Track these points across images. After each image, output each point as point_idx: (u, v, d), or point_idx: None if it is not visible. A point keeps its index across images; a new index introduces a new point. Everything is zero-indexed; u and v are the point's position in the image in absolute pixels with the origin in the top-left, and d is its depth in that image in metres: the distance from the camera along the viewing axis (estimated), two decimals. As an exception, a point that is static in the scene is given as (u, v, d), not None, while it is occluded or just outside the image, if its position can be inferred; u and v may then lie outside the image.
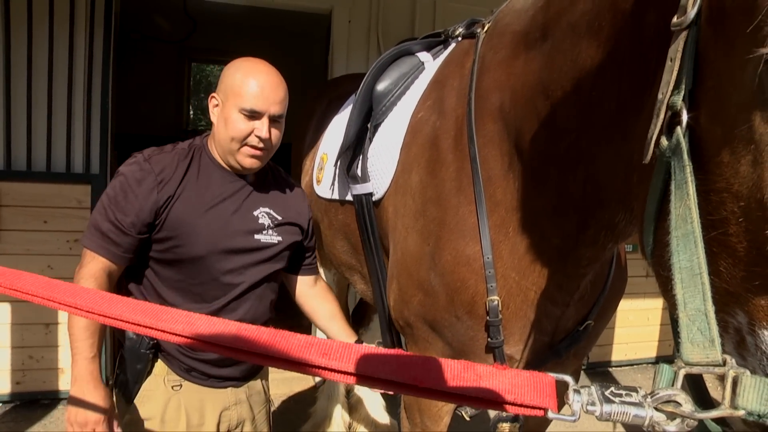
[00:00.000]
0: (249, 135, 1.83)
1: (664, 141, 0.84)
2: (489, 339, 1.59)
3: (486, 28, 1.77)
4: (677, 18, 0.82)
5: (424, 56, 2.15)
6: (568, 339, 1.71)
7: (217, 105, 1.91)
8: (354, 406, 3.79)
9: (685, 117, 0.81)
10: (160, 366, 1.93)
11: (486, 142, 1.59)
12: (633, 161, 1.08)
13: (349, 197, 2.18)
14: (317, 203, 2.61)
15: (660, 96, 0.85)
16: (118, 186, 1.83)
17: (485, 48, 1.70)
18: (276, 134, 1.90)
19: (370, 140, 2.06)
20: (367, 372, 0.92)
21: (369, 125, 2.07)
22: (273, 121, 1.86)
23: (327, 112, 2.92)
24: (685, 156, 0.79)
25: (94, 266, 1.80)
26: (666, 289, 0.87)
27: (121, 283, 1.93)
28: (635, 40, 1.06)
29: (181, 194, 1.85)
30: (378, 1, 4.49)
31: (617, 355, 5.51)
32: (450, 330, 1.67)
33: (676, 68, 0.82)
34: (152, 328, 1.04)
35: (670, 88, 0.82)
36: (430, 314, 1.71)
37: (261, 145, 1.85)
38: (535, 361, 1.69)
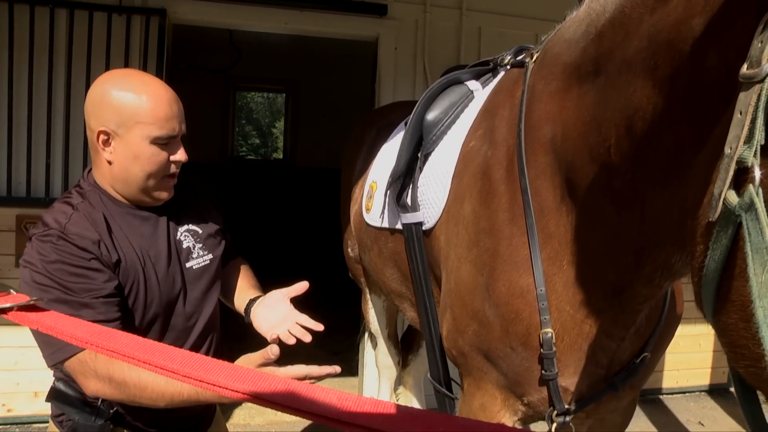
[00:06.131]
0: (168, 165, 1.62)
1: (732, 197, 0.78)
2: (543, 371, 1.58)
3: (535, 58, 1.75)
4: (747, 69, 0.77)
5: (473, 85, 2.16)
6: (624, 372, 1.69)
7: (107, 139, 1.58)
8: None
9: (758, 174, 0.75)
10: None
11: (538, 174, 1.58)
12: (687, 205, 1.04)
13: (398, 226, 2.19)
14: (366, 231, 2.63)
15: (728, 150, 0.79)
16: (61, 272, 1.49)
17: (535, 78, 1.69)
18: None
19: (421, 169, 2.07)
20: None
21: (419, 154, 2.09)
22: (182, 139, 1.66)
23: (376, 140, 2.95)
24: (763, 217, 0.73)
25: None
26: (736, 356, 0.82)
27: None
28: (694, 82, 1.00)
29: (119, 249, 1.61)
30: (423, 28, 4.53)
31: (668, 382, 5.35)
32: (505, 361, 1.67)
33: (747, 122, 0.76)
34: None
35: (741, 143, 0.77)
36: (485, 345, 1.70)
37: (177, 171, 1.66)
38: (591, 394, 1.66)
